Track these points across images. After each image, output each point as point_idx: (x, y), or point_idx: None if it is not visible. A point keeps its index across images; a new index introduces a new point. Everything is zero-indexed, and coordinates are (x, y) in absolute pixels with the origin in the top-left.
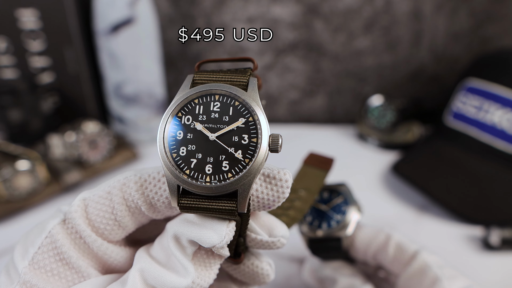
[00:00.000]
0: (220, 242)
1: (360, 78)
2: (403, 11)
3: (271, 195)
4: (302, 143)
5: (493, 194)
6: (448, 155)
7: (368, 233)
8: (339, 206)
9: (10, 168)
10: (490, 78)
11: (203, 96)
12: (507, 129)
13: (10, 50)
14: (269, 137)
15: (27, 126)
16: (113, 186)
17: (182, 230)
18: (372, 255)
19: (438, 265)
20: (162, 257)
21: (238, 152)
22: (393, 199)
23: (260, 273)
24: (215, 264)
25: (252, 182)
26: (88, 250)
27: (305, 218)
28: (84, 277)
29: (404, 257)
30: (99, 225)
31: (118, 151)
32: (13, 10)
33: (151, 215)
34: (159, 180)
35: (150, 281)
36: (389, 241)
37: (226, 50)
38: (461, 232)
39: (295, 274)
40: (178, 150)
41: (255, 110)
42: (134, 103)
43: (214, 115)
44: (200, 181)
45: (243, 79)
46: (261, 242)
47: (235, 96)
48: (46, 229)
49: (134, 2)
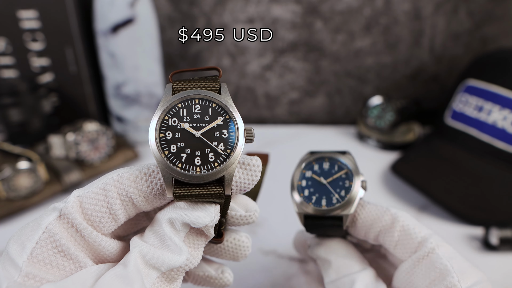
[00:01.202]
0: (211, 221)
1: (360, 78)
2: (403, 11)
3: (246, 179)
4: (302, 143)
5: (493, 194)
6: (448, 155)
7: (372, 212)
8: (342, 180)
9: (10, 168)
10: (490, 78)
11: (185, 100)
12: (507, 129)
13: (10, 50)
14: (244, 130)
15: (27, 126)
16: (107, 183)
17: (176, 214)
18: (374, 236)
19: (449, 255)
20: (155, 242)
21: (221, 145)
22: (393, 199)
23: (241, 245)
24: (202, 245)
25: (235, 168)
26: (84, 242)
27: (303, 190)
28: (81, 267)
29: (410, 243)
30: (94, 218)
31: (118, 151)
32: (14, 10)
33: (142, 207)
34: (150, 175)
35: (150, 261)
36: (395, 224)
37: (226, 50)
38: (461, 232)
39: (295, 274)
40: (169, 148)
41: (230, 110)
42: (134, 103)
43: (196, 116)
44: (191, 171)
45: (215, 84)
46: (240, 218)
47: (212, 99)
48: (42, 225)
49: (134, 2)
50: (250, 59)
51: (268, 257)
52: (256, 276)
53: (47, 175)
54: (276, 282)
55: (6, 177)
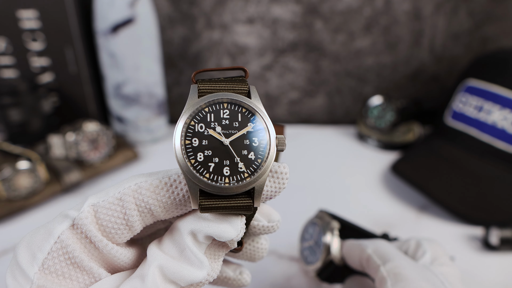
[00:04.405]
0: (237, 235)
1: (360, 78)
2: (403, 11)
3: (274, 187)
4: (302, 143)
5: (493, 194)
6: (448, 155)
7: (348, 248)
8: (320, 236)
9: (10, 168)
10: (490, 78)
11: (212, 104)
12: (507, 129)
13: (10, 50)
14: (275, 138)
15: (27, 126)
16: (124, 193)
17: (200, 227)
18: (358, 266)
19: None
20: (175, 253)
21: (251, 154)
22: (393, 199)
23: (260, 248)
24: (222, 256)
25: (266, 179)
26: (98, 253)
27: (307, 258)
28: (95, 278)
29: (372, 269)
30: (110, 230)
31: (118, 151)
32: (14, 10)
33: (161, 217)
34: (171, 185)
35: (169, 276)
36: (363, 254)
37: (226, 50)
38: (461, 232)
39: (295, 274)
40: (196, 156)
41: (262, 116)
42: (134, 103)
43: (225, 122)
44: (219, 182)
45: (244, 87)
46: (262, 228)
47: (242, 103)
48: (54, 234)
49: (134, 2)
50: (250, 59)
51: (268, 257)
52: (256, 276)
53: (47, 175)
54: (276, 282)
55: (6, 177)
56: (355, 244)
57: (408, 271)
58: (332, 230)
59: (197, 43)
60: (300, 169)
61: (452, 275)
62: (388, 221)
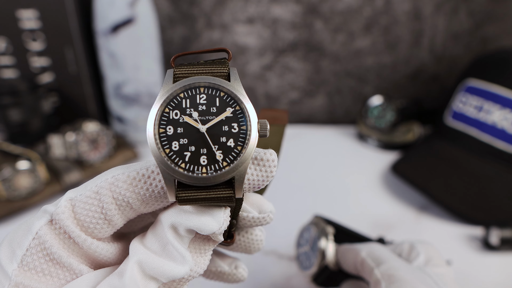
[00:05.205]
0: (219, 228)
1: (360, 78)
2: (403, 11)
3: (260, 176)
4: (302, 143)
5: (493, 194)
6: (448, 155)
7: (342, 252)
8: (315, 241)
9: (10, 168)
10: (490, 78)
11: (188, 89)
12: (507, 129)
13: (10, 50)
14: (257, 123)
15: (27, 126)
16: (101, 186)
17: (180, 220)
18: (352, 270)
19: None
20: (157, 247)
21: (230, 141)
22: (393, 199)
23: (255, 239)
24: (209, 250)
25: (247, 168)
26: (77, 248)
27: (302, 263)
28: (76, 274)
29: (366, 272)
30: (88, 224)
31: (118, 151)
32: (14, 10)
33: (141, 210)
34: (149, 176)
35: (148, 271)
36: (357, 258)
37: None
38: (461, 232)
39: (295, 274)
40: (170, 145)
41: (241, 99)
42: (134, 103)
43: (201, 107)
44: (196, 172)
45: (223, 69)
46: (252, 220)
47: (220, 87)
48: (32, 230)
49: (134, 2)
50: (250, 59)
51: (268, 257)
52: (256, 276)
53: (47, 175)
54: (276, 282)
55: (6, 177)
56: (349, 249)
57: (402, 272)
58: (327, 235)
59: (197, 43)
60: (300, 169)
61: (446, 276)
62: (388, 221)
